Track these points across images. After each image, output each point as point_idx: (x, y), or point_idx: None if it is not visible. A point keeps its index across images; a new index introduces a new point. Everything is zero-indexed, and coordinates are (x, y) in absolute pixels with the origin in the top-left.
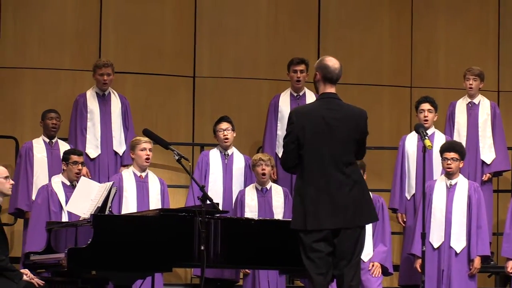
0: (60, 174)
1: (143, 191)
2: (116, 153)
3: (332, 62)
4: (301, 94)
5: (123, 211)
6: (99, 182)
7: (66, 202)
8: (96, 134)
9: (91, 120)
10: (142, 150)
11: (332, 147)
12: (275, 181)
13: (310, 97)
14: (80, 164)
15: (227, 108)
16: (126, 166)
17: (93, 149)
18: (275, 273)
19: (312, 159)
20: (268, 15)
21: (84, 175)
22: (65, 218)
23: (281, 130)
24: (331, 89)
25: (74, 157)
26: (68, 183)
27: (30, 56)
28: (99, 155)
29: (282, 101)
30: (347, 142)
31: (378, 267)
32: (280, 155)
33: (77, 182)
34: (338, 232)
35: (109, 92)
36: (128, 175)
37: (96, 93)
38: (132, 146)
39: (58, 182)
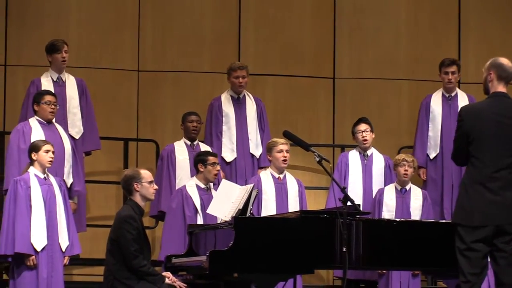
0: (195, 177)
1: (281, 192)
2: (252, 155)
3: (506, 61)
4: (453, 95)
5: (263, 213)
6: None
7: (201, 205)
8: (232, 137)
9: (227, 124)
10: (279, 152)
11: (503, 146)
12: (424, 182)
13: (462, 98)
14: (218, 165)
15: (367, 109)
16: (264, 168)
17: (229, 152)
18: (408, 274)
19: (481, 157)
20: (408, 14)
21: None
22: (200, 221)
23: (433, 131)
24: (502, 89)
25: (212, 158)
26: (203, 186)
27: (170, 59)
28: (235, 158)
29: (433, 101)
30: None
31: None
32: (431, 156)
33: (213, 184)
34: (500, 231)
35: (244, 95)
36: (266, 177)
37: (231, 96)
38: (268, 149)
39: (192, 186)
